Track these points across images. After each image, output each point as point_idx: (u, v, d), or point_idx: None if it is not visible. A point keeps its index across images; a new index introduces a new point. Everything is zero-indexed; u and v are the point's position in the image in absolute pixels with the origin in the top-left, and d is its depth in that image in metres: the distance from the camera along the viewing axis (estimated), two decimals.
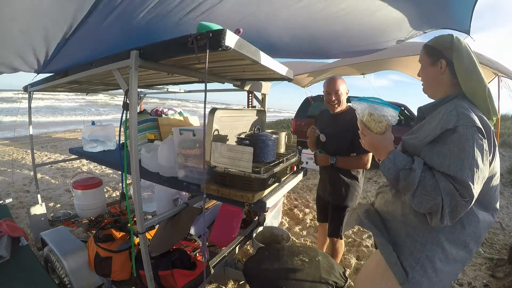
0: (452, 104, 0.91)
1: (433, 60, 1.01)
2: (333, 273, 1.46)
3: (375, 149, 0.99)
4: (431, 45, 1.02)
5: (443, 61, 0.98)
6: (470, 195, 0.79)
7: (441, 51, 0.98)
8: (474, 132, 0.82)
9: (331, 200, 1.93)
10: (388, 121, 0.97)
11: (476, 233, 0.94)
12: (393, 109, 0.97)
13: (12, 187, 4.21)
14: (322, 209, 2.09)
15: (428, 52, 1.03)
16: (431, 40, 1.04)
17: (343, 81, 1.82)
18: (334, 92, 1.79)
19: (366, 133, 0.99)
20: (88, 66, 1.44)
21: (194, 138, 1.44)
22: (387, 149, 0.95)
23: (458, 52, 0.95)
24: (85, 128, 2.51)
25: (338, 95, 1.78)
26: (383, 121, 0.97)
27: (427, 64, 1.03)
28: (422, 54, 1.05)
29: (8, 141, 8.59)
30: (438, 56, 0.99)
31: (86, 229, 2.40)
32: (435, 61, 1.00)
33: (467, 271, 2.34)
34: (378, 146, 0.97)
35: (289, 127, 11.17)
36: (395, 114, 0.96)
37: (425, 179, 0.84)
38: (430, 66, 1.02)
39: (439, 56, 0.99)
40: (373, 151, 1.01)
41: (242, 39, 1.07)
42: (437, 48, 1.00)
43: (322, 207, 2.09)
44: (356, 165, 1.78)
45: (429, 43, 1.03)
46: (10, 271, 1.63)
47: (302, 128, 6.25)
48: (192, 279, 1.51)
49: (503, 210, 3.83)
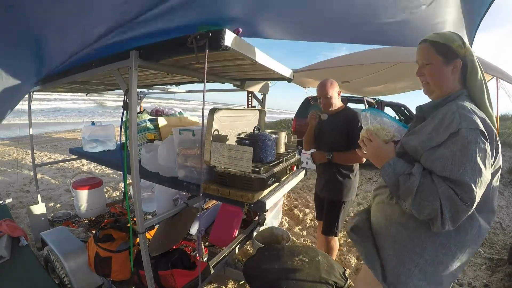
0: (454, 105, 0.89)
1: (448, 59, 0.94)
2: (333, 273, 1.46)
3: (378, 155, 1.00)
4: (444, 44, 0.94)
5: (459, 61, 0.94)
6: (472, 199, 0.78)
7: (456, 51, 0.93)
8: (477, 135, 0.80)
9: (326, 195, 1.96)
10: (395, 134, 1.05)
11: (478, 237, 0.93)
12: (402, 126, 1.07)
13: (12, 187, 4.21)
14: (320, 207, 2.11)
15: (440, 50, 0.95)
16: (438, 37, 0.96)
17: (333, 84, 1.87)
18: (323, 97, 1.87)
19: (373, 139, 1.02)
20: (88, 66, 1.45)
21: (194, 138, 1.44)
22: (389, 157, 0.96)
23: (470, 53, 0.94)
24: (85, 128, 2.51)
25: (327, 99, 1.86)
26: (391, 132, 1.04)
27: (440, 63, 0.95)
28: (432, 52, 0.96)
29: (8, 141, 8.59)
30: (453, 56, 0.94)
31: (86, 229, 2.40)
32: (450, 61, 0.94)
33: (467, 271, 2.34)
34: (381, 153, 0.99)
35: (289, 127, 11.17)
36: (402, 130, 1.06)
37: (424, 184, 0.83)
38: (444, 66, 0.95)
39: (455, 55, 0.94)
40: (376, 157, 1.01)
41: (241, 39, 1.07)
42: (451, 47, 0.93)
43: (320, 205, 2.11)
44: (351, 159, 1.83)
45: (439, 40, 0.95)
46: (10, 271, 1.63)
47: (302, 128, 6.23)
48: (192, 279, 1.51)
49: (503, 210, 3.83)
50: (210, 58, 1.20)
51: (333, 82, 1.89)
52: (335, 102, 1.88)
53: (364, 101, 5.59)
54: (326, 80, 1.89)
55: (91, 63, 1.43)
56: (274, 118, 21.75)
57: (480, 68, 0.95)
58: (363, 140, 1.06)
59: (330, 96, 1.85)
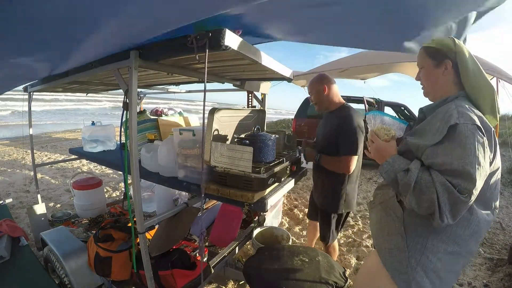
0: (452, 104, 0.92)
1: (437, 61, 1.00)
2: (333, 273, 1.46)
3: (380, 154, 1.03)
4: (434, 47, 1.01)
5: (448, 62, 0.98)
6: (469, 190, 0.79)
7: (446, 53, 0.98)
8: (474, 130, 0.83)
9: (317, 203, 1.86)
10: (395, 132, 1.06)
11: (477, 232, 0.94)
12: (402, 123, 1.09)
13: (12, 187, 4.21)
14: (313, 208, 2.02)
15: (430, 54, 1.02)
16: (431, 42, 1.03)
17: (317, 81, 1.73)
18: (311, 95, 1.80)
19: (374, 140, 1.05)
20: (88, 66, 1.45)
21: (194, 138, 1.44)
22: (389, 155, 0.98)
23: (461, 54, 0.96)
24: (85, 128, 2.51)
25: (312, 97, 1.78)
26: (391, 131, 1.06)
27: (431, 66, 1.02)
28: (423, 57, 1.04)
29: (8, 141, 8.59)
30: (442, 57, 0.99)
31: (86, 229, 2.40)
32: (439, 63, 1.00)
33: (467, 271, 2.34)
34: (383, 152, 1.02)
35: (289, 127, 11.17)
36: (402, 127, 1.08)
37: (421, 178, 0.85)
38: (435, 68, 1.01)
39: (444, 57, 0.98)
40: (378, 156, 1.04)
41: (241, 39, 1.07)
42: (440, 49, 0.99)
43: (314, 205, 2.00)
44: (336, 166, 1.65)
45: (431, 44, 1.02)
46: (10, 271, 1.63)
47: (302, 128, 6.24)
48: (192, 279, 1.51)
49: (503, 210, 3.83)
50: (210, 58, 1.20)
51: (321, 77, 1.74)
52: (321, 98, 1.73)
53: (364, 101, 5.58)
54: (312, 79, 1.78)
55: (91, 63, 1.43)
56: (274, 118, 21.73)
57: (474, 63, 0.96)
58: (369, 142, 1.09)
59: (313, 93, 1.75)
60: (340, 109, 1.71)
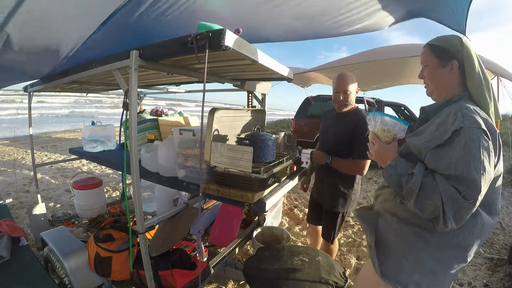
0: (457, 105, 0.90)
1: (444, 61, 0.98)
2: (333, 273, 1.46)
3: (381, 157, 1.02)
4: (440, 46, 0.98)
5: (455, 62, 0.96)
6: (474, 197, 0.78)
7: (453, 53, 0.96)
8: (479, 134, 0.81)
9: (324, 204, 1.85)
10: (396, 132, 1.04)
11: (481, 236, 0.93)
12: (403, 124, 1.07)
13: (12, 187, 4.21)
14: (315, 211, 2.00)
15: (436, 53, 0.99)
16: (437, 41, 1.00)
17: (354, 79, 1.67)
18: (342, 91, 1.65)
19: (375, 141, 1.04)
20: (88, 66, 1.45)
21: (194, 138, 1.44)
22: (391, 158, 0.97)
23: (469, 55, 0.94)
24: (85, 128, 2.51)
25: (346, 94, 1.65)
26: (392, 132, 1.04)
27: (437, 65, 0.99)
28: (429, 55, 1.01)
29: (8, 141, 8.59)
30: (449, 57, 0.97)
31: (86, 229, 2.40)
32: (446, 63, 0.97)
33: (467, 271, 2.34)
34: (384, 154, 1.00)
35: (289, 127, 11.17)
36: (403, 128, 1.07)
37: (426, 183, 0.84)
38: (440, 68, 0.99)
39: (451, 57, 0.96)
40: (379, 159, 1.03)
41: (241, 39, 1.07)
42: (447, 49, 0.97)
43: (315, 208, 1.98)
44: (351, 169, 1.67)
45: (437, 43, 0.99)
46: (10, 271, 1.63)
47: (302, 128, 6.24)
48: (192, 279, 1.51)
49: (503, 210, 3.83)
50: (210, 58, 1.20)
51: (354, 77, 1.67)
52: (353, 98, 1.68)
53: (364, 101, 5.58)
54: (347, 73, 1.67)
55: (91, 63, 1.43)
56: (274, 118, 21.72)
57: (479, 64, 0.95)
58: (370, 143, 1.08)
59: (350, 92, 1.65)
60: (355, 112, 1.71)
